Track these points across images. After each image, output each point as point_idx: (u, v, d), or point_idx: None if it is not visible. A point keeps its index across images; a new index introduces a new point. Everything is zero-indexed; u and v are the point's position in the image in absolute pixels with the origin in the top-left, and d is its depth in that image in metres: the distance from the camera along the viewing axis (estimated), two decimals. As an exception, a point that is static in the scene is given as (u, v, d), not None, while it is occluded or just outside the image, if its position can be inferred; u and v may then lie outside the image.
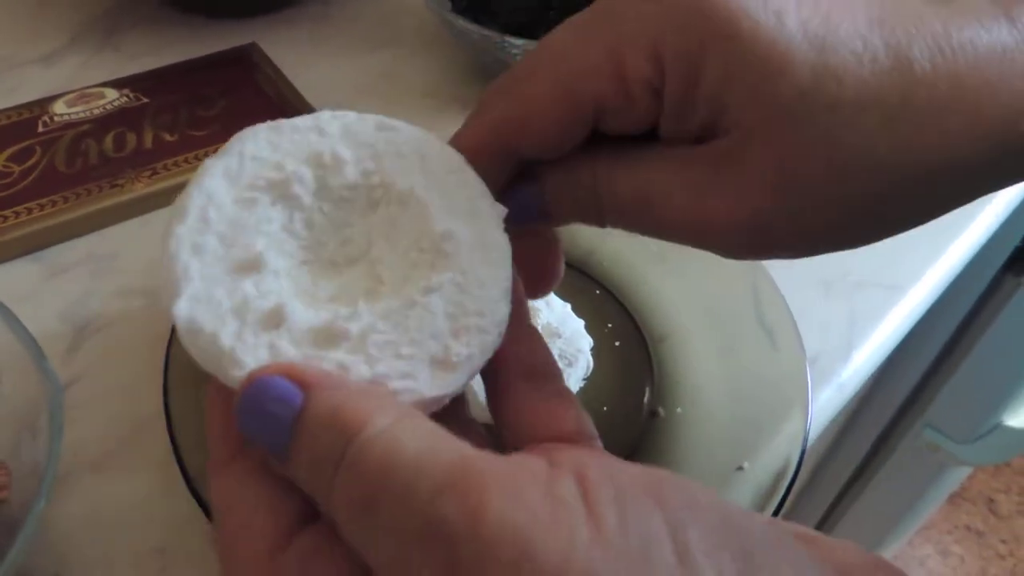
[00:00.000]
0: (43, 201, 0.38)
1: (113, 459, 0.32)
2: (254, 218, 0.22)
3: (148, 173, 0.40)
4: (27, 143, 0.41)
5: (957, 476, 1.02)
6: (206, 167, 0.23)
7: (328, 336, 0.20)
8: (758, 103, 0.20)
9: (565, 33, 0.22)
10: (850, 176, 0.20)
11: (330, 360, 0.19)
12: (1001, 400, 0.82)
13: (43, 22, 0.51)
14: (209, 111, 0.44)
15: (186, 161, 0.41)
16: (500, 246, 0.22)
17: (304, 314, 0.20)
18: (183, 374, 0.32)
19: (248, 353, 0.20)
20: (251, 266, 0.21)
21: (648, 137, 0.22)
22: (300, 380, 0.18)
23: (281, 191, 0.22)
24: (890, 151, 0.20)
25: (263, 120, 0.23)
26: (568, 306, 0.35)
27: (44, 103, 0.43)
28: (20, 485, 0.27)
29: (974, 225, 0.45)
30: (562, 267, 0.26)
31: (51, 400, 0.27)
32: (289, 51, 0.50)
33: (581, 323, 0.34)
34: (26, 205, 0.38)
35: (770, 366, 0.35)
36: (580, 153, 0.23)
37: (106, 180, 0.40)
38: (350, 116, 0.24)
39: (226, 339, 0.20)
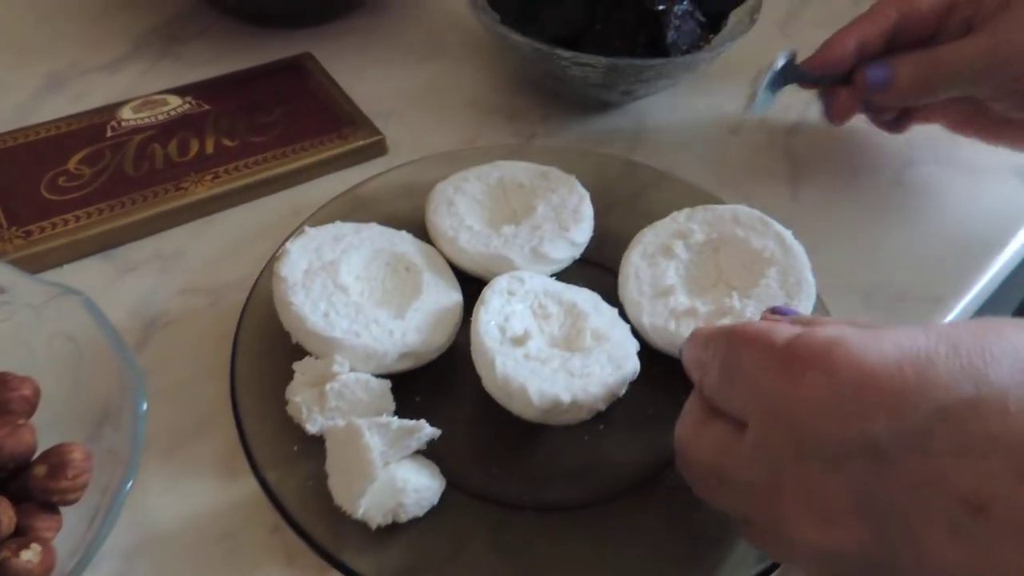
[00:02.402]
0: (113, 202, 0.40)
1: (182, 448, 0.33)
2: None
3: (210, 177, 0.42)
4: (97, 147, 0.43)
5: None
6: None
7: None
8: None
9: None
10: None
11: None
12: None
13: (107, 30, 0.53)
14: (267, 117, 0.46)
15: (246, 166, 0.43)
16: None
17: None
18: (248, 371, 0.34)
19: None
20: None
21: None
22: None
23: None
24: None
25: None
26: (615, 311, 0.36)
27: (112, 109, 0.45)
28: (100, 470, 0.29)
29: (1015, 240, 0.45)
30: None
31: (134, 388, 0.29)
32: (340, 60, 0.52)
33: (628, 327, 0.36)
34: (97, 206, 0.40)
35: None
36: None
37: (171, 183, 0.42)
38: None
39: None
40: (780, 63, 0.45)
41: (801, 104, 0.53)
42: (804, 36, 0.59)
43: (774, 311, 0.30)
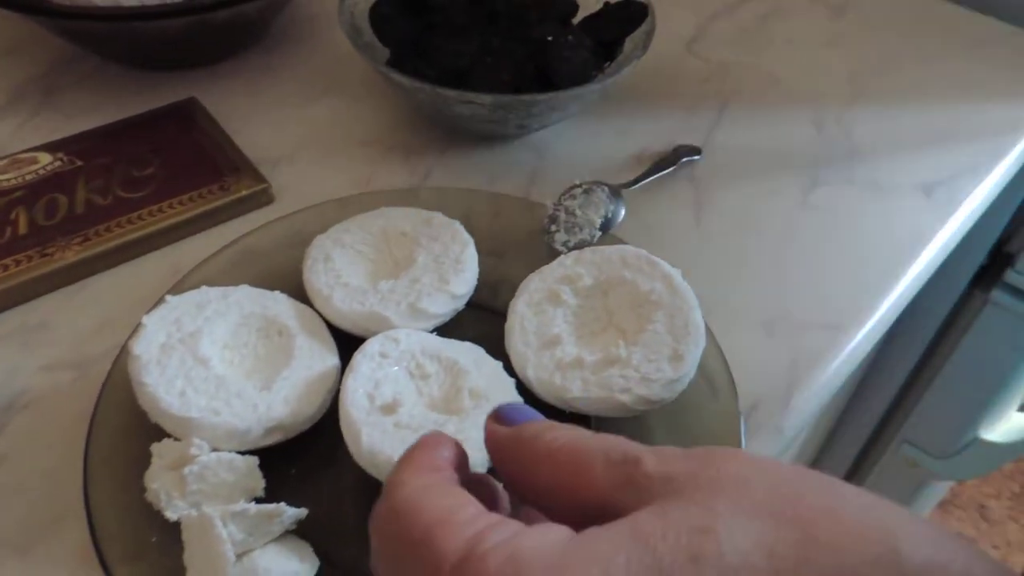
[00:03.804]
0: (-30, 274, 0.38)
1: (39, 546, 0.31)
2: None
3: (79, 240, 0.40)
4: (-44, 214, 0.40)
5: (943, 486, 1.01)
6: None
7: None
8: None
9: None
10: None
11: None
12: (977, 414, 0.82)
13: (-19, 84, 0.50)
14: (144, 170, 0.44)
15: (119, 225, 0.41)
16: None
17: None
18: (104, 456, 0.31)
19: None
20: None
21: None
22: None
23: None
24: None
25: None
26: (499, 365, 0.35)
27: (-24, 171, 0.43)
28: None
29: (918, 261, 0.45)
30: None
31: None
32: (228, 103, 0.50)
33: (512, 382, 0.34)
34: (-48, 279, 0.38)
35: (708, 416, 0.35)
36: None
37: (35, 249, 0.39)
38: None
39: None
40: None
41: (706, 125, 0.52)
42: (712, 54, 0.58)
43: (498, 415, 0.23)
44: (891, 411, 0.85)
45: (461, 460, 0.22)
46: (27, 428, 0.34)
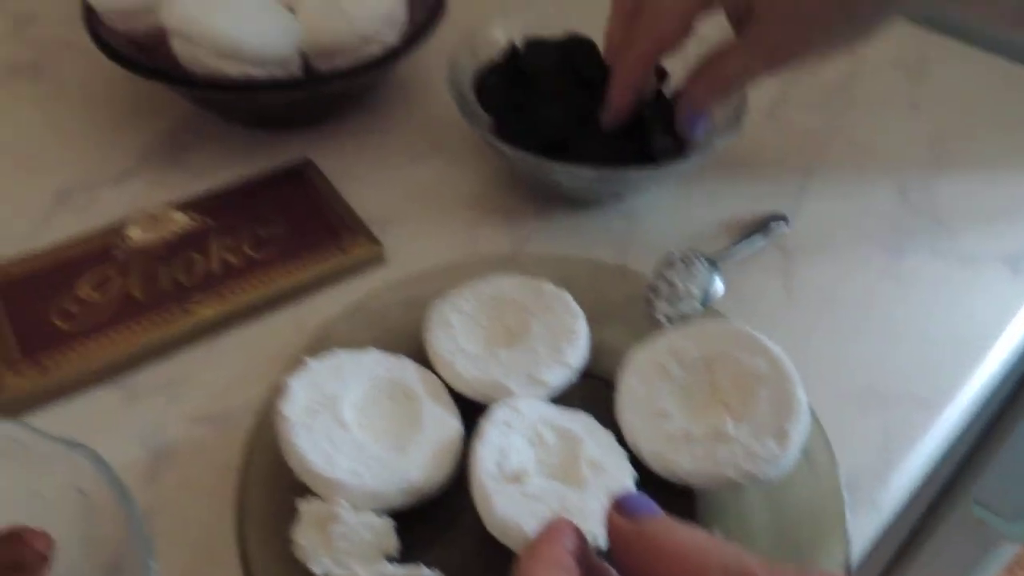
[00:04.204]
0: (120, 329, 0.42)
1: (191, 589, 0.34)
2: None
3: (216, 298, 0.43)
4: (105, 270, 0.44)
5: (1012, 548, 1.00)
6: None
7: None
8: None
9: None
10: None
11: None
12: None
13: (116, 139, 0.54)
14: (269, 231, 0.47)
15: (250, 284, 0.44)
16: None
17: None
18: (255, 508, 0.34)
19: None
20: None
21: None
22: None
23: None
24: None
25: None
26: (612, 436, 0.37)
27: (118, 228, 0.47)
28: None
29: (1004, 337, 0.46)
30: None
31: (142, 546, 0.30)
32: (338, 162, 0.53)
33: (624, 454, 0.36)
34: (107, 333, 0.41)
35: (808, 490, 0.37)
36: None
37: (177, 306, 0.43)
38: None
39: None
40: None
41: (792, 190, 0.54)
42: (794, 118, 0.60)
43: (620, 506, 0.25)
44: (961, 469, 0.84)
45: (583, 550, 0.25)
46: (177, 480, 0.38)
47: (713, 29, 0.45)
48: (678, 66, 0.50)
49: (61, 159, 0.53)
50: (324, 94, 0.53)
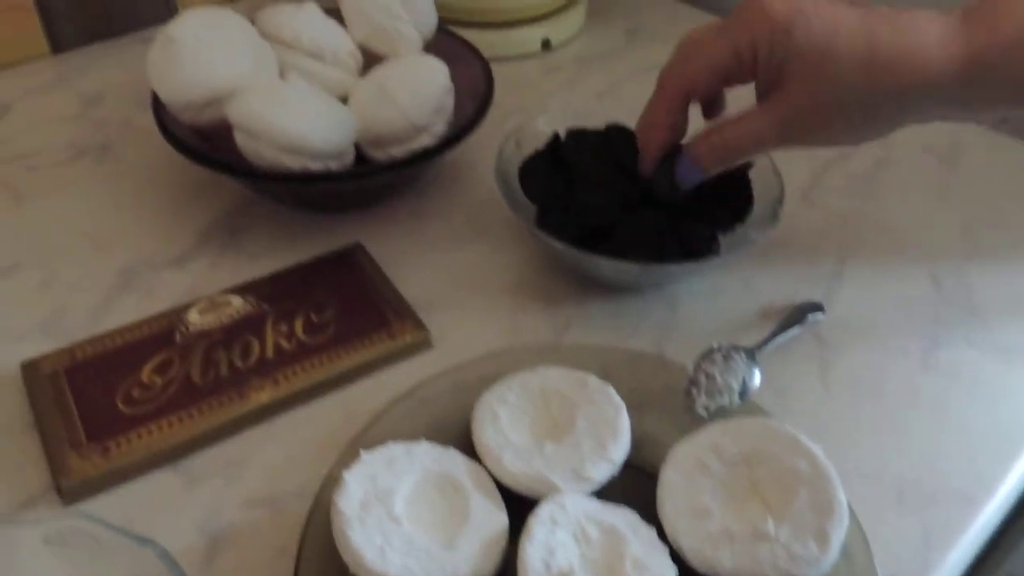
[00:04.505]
0: (182, 414, 0.43)
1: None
2: None
3: (271, 383, 0.45)
4: (167, 354, 0.46)
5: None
6: None
7: None
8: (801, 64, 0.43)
9: (704, 34, 0.46)
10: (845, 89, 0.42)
11: None
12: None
13: (176, 221, 0.57)
14: (321, 316, 0.49)
15: (303, 369, 0.46)
16: None
17: None
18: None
19: None
20: None
21: None
22: None
23: None
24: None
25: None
26: (654, 532, 0.38)
27: (180, 311, 0.49)
28: None
29: (1044, 429, 0.46)
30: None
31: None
32: (386, 245, 0.56)
33: (666, 551, 0.37)
34: (168, 418, 0.43)
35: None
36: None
37: (235, 390, 0.45)
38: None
39: None
40: None
41: (826, 277, 0.55)
42: (827, 203, 0.61)
43: None
44: (996, 540, 0.83)
45: None
46: (233, 564, 0.39)
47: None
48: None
49: (125, 239, 0.56)
50: (375, 183, 0.55)
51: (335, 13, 0.61)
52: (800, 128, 0.44)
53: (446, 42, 0.64)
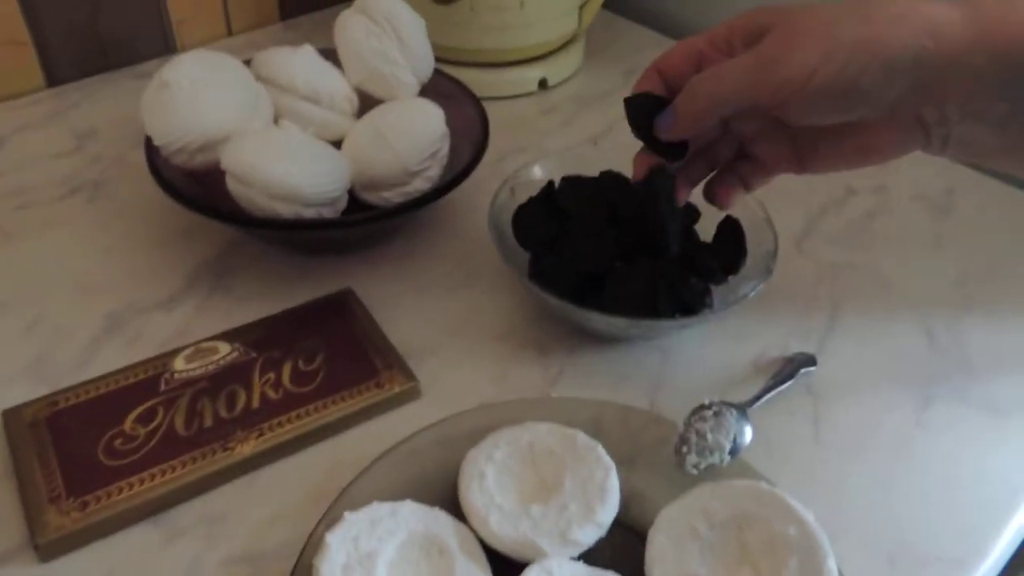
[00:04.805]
0: (164, 466, 0.43)
1: None
2: None
3: (256, 434, 0.45)
4: (151, 403, 0.46)
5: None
6: None
7: None
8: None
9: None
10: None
11: None
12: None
13: (164, 263, 0.57)
14: (310, 365, 0.49)
15: (288, 420, 0.45)
16: None
17: None
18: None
19: None
20: None
21: None
22: None
23: None
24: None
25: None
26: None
27: (166, 359, 0.48)
28: None
29: (1038, 491, 0.46)
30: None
31: None
32: (378, 289, 0.55)
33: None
34: (150, 471, 0.42)
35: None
36: None
37: (219, 443, 0.44)
38: None
39: None
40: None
41: (819, 328, 0.55)
42: (820, 252, 0.61)
43: None
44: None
45: None
46: (212, 626, 0.38)
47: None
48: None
49: (114, 281, 0.55)
50: (368, 229, 0.55)
51: (332, 54, 0.61)
52: (776, 67, 0.39)
53: (442, 83, 0.64)
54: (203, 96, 0.51)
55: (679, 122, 0.44)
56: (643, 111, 0.46)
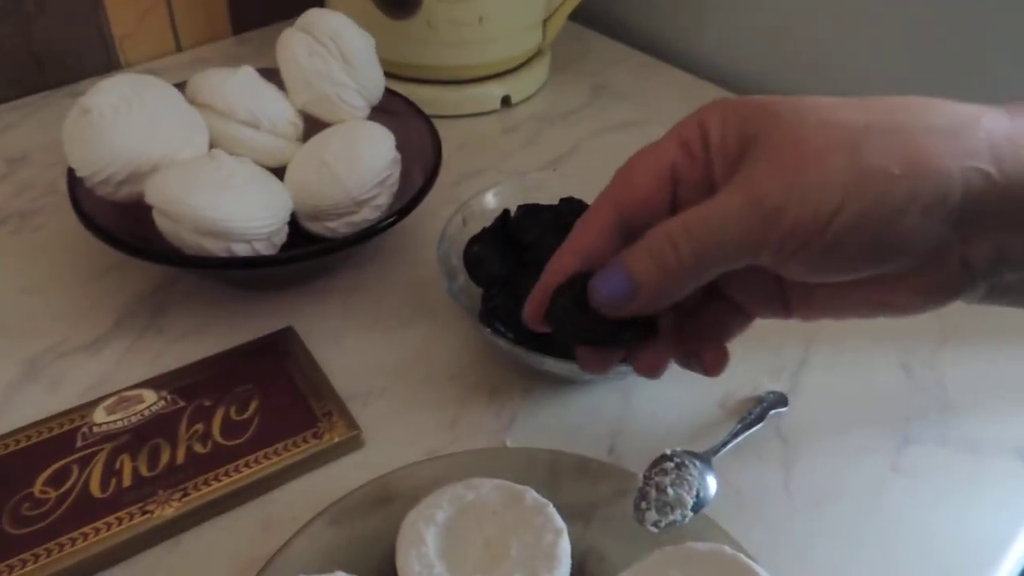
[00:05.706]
0: (75, 534, 0.39)
1: None
2: None
3: (179, 495, 0.41)
4: (65, 461, 0.42)
5: None
6: None
7: None
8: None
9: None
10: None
11: None
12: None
13: (91, 302, 0.53)
14: (242, 414, 0.45)
15: (216, 478, 0.42)
16: None
17: None
18: None
19: None
20: None
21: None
22: None
23: None
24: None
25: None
26: None
27: (84, 410, 0.45)
28: None
29: (1018, 542, 0.43)
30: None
31: None
32: (320, 325, 0.52)
33: None
34: (59, 540, 0.39)
35: None
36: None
37: (137, 505, 0.40)
38: None
39: None
40: None
41: (791, 364, 0.52)
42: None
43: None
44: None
45: None
46: None
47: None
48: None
49: (33, 322, 0.51)
50: (308, 265, 0.51)
51: (276, 74, 0.57)
52: (778, 213, 0.28)
53: (394, 103, 0.61)
54: (128, 123, 0.48)
55: (639, 292, 0.31)
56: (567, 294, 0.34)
